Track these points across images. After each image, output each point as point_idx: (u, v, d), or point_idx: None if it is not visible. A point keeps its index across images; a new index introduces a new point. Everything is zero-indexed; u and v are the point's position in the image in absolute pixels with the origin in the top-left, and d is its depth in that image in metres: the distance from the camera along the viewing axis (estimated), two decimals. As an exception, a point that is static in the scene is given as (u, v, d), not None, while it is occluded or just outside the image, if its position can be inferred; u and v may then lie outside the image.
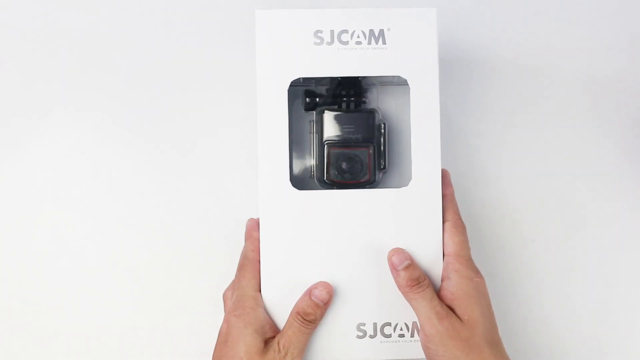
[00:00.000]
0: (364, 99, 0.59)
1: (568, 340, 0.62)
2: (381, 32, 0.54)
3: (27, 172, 0.64)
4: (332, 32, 0.54)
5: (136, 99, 0.64)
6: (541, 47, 0.66)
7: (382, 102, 0.61)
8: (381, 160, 0.58)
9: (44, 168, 0.64)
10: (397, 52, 0.54)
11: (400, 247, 0.53)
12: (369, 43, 0.54)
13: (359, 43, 0.54)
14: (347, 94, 0.58)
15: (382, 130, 0.58)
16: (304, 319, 0.52)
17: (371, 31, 0.54)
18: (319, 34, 0.54)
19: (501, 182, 0.64)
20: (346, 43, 0.54)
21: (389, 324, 0.54)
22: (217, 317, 0.55)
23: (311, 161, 0.59)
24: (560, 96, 0.65)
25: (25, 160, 0.64)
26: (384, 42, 0.54)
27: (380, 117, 0.59)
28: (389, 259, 0.53)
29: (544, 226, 0.63)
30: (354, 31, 0.54)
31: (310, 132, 0.60)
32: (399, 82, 0.59)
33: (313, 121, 0.59)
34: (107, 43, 0.65)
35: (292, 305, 0.53)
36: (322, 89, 0.59)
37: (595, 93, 0.65)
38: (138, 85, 0.65)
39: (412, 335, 0.54)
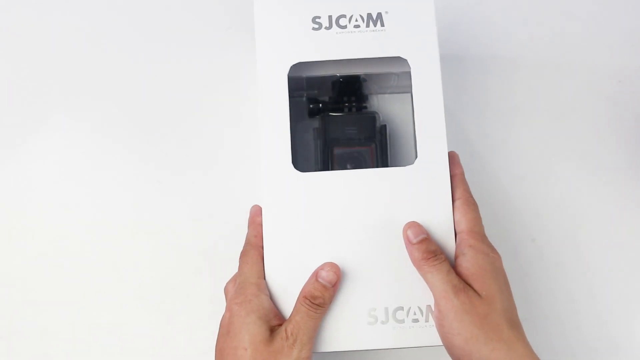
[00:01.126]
0: (365, 104, 0.60)
1: (568, 340, 0.61)
2: (379, 15, 0.54)
3: (27, 171, 0.64)
4: (330, 17, 0.54)
5: (135, 99, 0.65)
6: (541, 47, 0.67)
7: (382, 109, 0.62)
8: (384, 159, 0.58)
9: (45, 168, 0.64)
10: (396, 34, 0.54)
11: None
12: (367, 26, 0.54)
13: (357, 27, 0.54)
14: (349, 99, 0.59)
15: (383, 132, 0.59)
16: (312, 302, 0.48)
17: (369, 15, 0.54)
18: (317, 20, 0.54)
19: (501, 181, 0.63)
20: (344, 27, 0.54)
21: (402, 309, 0.50)
22: (217, 318, 0.52)
23: (314, 166, 0.59)
24: (560, 96, 0.65)
25: (25, 159, 0.64)
26: (382, 25, 0.54)
27: (382, 119, 0.60)
28: (404, 233, 0.50)
29: (544, 226, 0.63)
30: (351, 15, 0.54)
31: (314, 139, 0.60)
32: (398, 91, 0.61)
33: (316, 128, 0.59)
34: (107, 43, 0.66)
35: (299, 292, 0.50)
36: (325, 97, 0.60)
37: (595, 93, 0.66)
38: (138, 85, 0.65)
39: (426, 320, 0.50)
